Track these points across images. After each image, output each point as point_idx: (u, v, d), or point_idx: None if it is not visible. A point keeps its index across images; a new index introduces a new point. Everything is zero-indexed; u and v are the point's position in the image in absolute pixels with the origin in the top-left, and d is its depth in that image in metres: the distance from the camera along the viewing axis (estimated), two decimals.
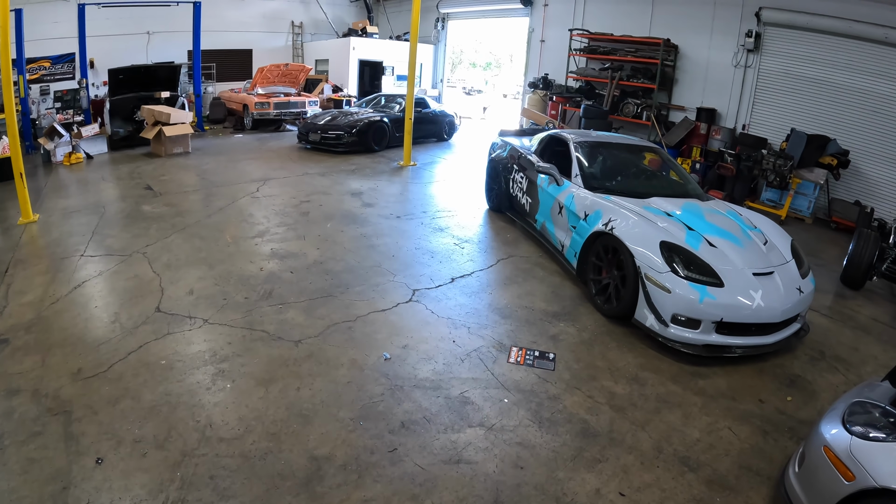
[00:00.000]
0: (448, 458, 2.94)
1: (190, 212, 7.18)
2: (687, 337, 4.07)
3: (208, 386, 3.47)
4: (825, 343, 4.73)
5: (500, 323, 4.52)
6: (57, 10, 13.71)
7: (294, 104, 14.85)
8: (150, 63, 14.46)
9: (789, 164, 9.07)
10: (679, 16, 11.99)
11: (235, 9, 17.80)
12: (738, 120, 11.24)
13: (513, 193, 7.04)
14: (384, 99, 13.66)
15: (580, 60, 13.70)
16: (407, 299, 4.85)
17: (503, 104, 27.32)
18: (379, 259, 5.73)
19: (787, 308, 4.16)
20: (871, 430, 2.37)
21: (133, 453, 2.84)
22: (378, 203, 7.92)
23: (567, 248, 5.42)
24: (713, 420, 3.48)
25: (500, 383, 3.67)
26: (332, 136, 11.54)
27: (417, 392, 3.51)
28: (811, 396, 3.90)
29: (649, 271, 4.22)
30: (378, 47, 18.60)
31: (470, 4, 17.91)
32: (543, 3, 15.16)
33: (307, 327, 4.23)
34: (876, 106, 9.25)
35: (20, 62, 10.91)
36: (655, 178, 6.22)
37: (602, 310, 4.78)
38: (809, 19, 9.83)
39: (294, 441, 3.00)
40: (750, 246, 4.56)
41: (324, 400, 3.37)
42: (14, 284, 4.93)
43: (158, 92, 12.47)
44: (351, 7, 20.92)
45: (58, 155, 10.27)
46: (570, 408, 3.47)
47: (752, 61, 10.95)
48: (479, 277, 5.46)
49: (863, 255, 6.02)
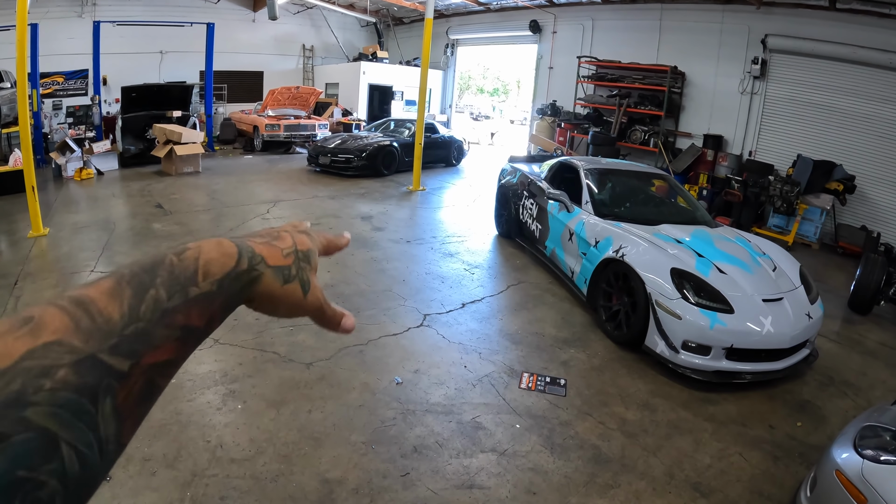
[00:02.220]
0: (460, 482, 2.93)
1: (200, 231, 7.23)
2: (697, 363, 4.06)
3: (219, 406, 3.47)
4: (834, 368, 4.72)
5: (510, 348, 4.52)
6: (72, 27, 14.00)
7: (304, 127, 14.99)
8: (162, 82, 14.66)
9: (796, 190, 9.11)
10: (686, 43, 12.15)
11: (248, 31, 18.12)
12: (744, 146, 11.32)
13: (522, 219, 7.08)
14: (394, 123, 13.79)
15: (588, 87, 13.86)
16: (418, 324, 4.86)
17: (511, 130, 27.53)
18: (389, 283, 5.75)
19: (797, 334, 4.16)
20: (882, 454, 2.37)
21: (142, 472, 2.83)
22: (388, 227, 7.97)
23: (577, 275, 5.43)
24: (724, 446, 3.47)
25: (512, 409, 3.66)
26: (341, 159, 11.64)
27: (429, 416, 3.50)
28: (821, 421, 3.89)
29: (660, 298, 4.22)
30: (388, 72, 18.83)
31: (479, 31, 18.16)
32: (552, 31, 15.38)
33: (318, 350, 4.23)
34: (881, 131, 9.33)
35: (34, 76, 11.08)
36: (664, 204, 6.25)
37: (612, 336, 4.78)
38: (815, 46, 9.95)
39: (306, 463, 2.99)
40: (759, 272, 4.58)
41: (335, 423, 3.37)
42: (23, 297, 4.96)
43: (170, 111, 12.62)
44: (362, 32, 21.24)
45: (69, 170, 10.38)
46: (582, 434, 3.46)
47: (758, 88, 11.06)
48: (490, 303, 5.48)
49: (870, 280, 6.02)
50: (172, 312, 0.41)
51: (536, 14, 15.46)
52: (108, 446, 0.36)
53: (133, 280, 0.41)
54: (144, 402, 0.40)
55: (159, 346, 0.40)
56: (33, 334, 0.34)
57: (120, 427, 0.37)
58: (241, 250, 0.49)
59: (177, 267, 0.44)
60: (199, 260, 0.45)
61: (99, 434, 0.35)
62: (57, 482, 0.32)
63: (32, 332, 0.34)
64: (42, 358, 0.33)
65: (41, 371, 0.33)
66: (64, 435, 0.32)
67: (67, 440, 0.33)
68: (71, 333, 0.35)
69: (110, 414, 0.36)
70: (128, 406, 0.37)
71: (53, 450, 0.32)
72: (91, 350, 0.36)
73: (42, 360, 0.33)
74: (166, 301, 0.41)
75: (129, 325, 0.38)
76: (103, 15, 13.93)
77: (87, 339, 0.36)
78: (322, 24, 19.76)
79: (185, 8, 15.96)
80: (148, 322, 0.40)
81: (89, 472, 0.34)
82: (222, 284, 0.46)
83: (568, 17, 14.88)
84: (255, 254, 0.50)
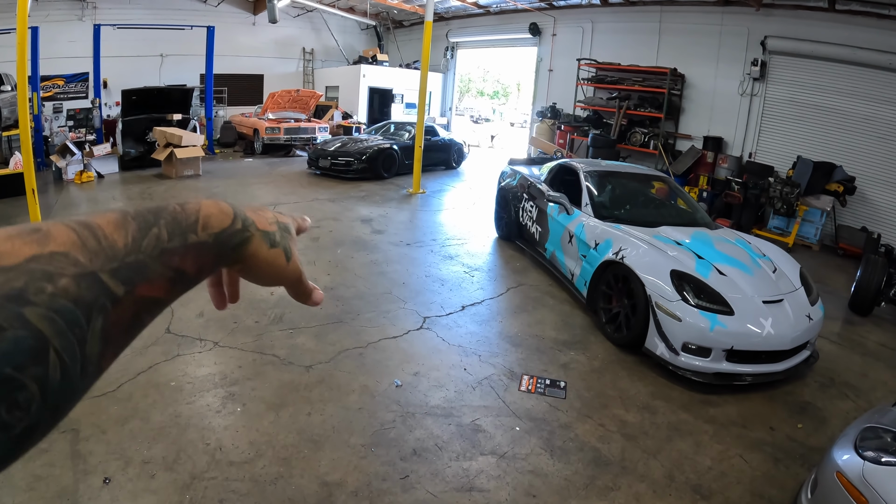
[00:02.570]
0: (460, 485, 2.92)
1: None
2: (697, 365, 4.06)
3: (218, 409, 3.47)
4: (835, 370, 4.72)
5: (510, 351, 4.51)
6: (73, 30, 14.04)
7: (304, 130, 15.01)
8: (162, 85, 14.68)
9: (796, 192, 9.11)
10: (685, 45, 12.15)
11: (248, 34, 18.15)
12: (744, 148, 11.32)
13: (522, 222, 7.08)
14: (394, 126, 13.80)
15: (588, 90, 13.87)
16: (418, 326, 4.85)
17: (511, 133, 27.54)
18: (389, 286, 5.75)
19: (797, 335, 4.15)
20: (883, 455, 2.36)
21: (141, 474, 2.83)
22: (388, 230, 7.97)
23: (577, 277, 5.43)
24: (724, 448, 3.46)
25: (512, 411, 3.65)
26: (341, 162, 11.65)
27: (429, 419, 3.50)
28: (822, 423, 3.88)
29: (660, 300, 4.22)
30: (388, 75, 18.87)
31: (479, 34, 18.19)
32: (552, 33, 15.40)
33: (318, 353, 4.23)
34: (881, 132, 9.33)
35: (35, 79, 11.08)
36: (664, 206, 6.25)
37: (612, 338, 4.77)
38: (814, 47, 9.96)
39: (305, 466, 2.98)
40: (759, 274, 4.57)
41: (335, 426, 3.36)
42: None
43: (170, 114, 12.63)
44: (362, 35, 21.28)
45: (69, 173, 10.38)
46: (582, 436, 3.45)
47: (758, 89, 11.07)
48: (490, 305, 5.47)
49: (871, 282, 6.02)
50: (170, 253, 0.44)
51: (536, 17, 15.48)
52: (89, 366, 0.37)
53: (138, 217, 0.43)
54: (128, 333, 0.41)
55: (153, 281, 0.42)
56: (41, 243, 0.35)
57: (103, 350, 0.38)
58: (237, 212, 0.52)
59: (179, 214, 0.46)
60: (200, 213, 0.48)
61: (85, 350, 0.36)
62: (37, 388, 0.32)
63: (40, 240, 0.35)
64: (47, 264, 0.35)
65: (45, 275, 0.34)
66: (55, 342, 0.33)
67: (56, 347, 0.33)
68: (77, 249, 0.37)
69: (99, 333, 0.37)
70: (114, 331, 0.39)
71: (42, 354, 0.33)
72: (94, 268, 0.37)
73: (47, 266, 0.34)
74: (167, 241, 0.44)
75: (131, 255, 0.40)
76: (104, 18, 13.97)
77: (91, 257, 0.38)
78: (322, 27, 19.80)
79: (186, 11, 16.01)
80: (147, 256, 0.42)
81: (68, 388, 0.35)
82: (218, 238, 0.49)
83: (567, 19, 14.90)
84: (247, 217, 0.53)
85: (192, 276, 0.47)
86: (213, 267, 0.50)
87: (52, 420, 0.35)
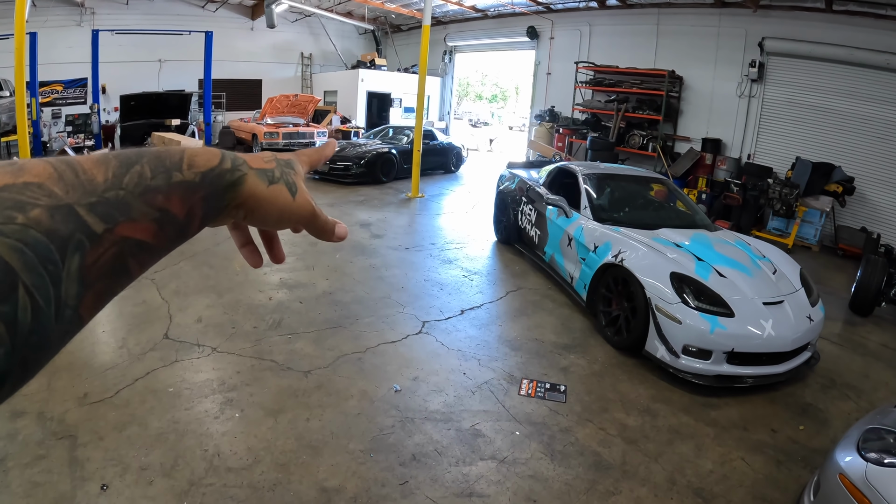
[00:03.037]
0: (460, 491, 2.90)
1: (198, 239, 7.17)
2: (698, 368, 4.04)
3: (216, 415, 3.44)
4: (836, 371, 4.70)
5: (510, 355, 4.49)
6: (71, 36, 14.08)
7: (303, 134, 15.03)
8: (161, 91, 14.70)
9: (795, 193, 9.11)
10: (683, 47, 12.18)
11: (246, 39, 18.19)
12: (743, 149, 11.33)
13: (521, 225, 7.06)
14: (392, 131, 13.82)
15: (586, 93, 13.89)
16: (417, 331, 4.83)
17: (509, 136, 27.61)
18: (388, 290, 5.73)
19: (798, 337, 4.13)
20: (886, 456, 2.34)
21: (139, 481, 2.81)
22: (387, 234, 7.96)
23: (576, 280, 5.42)
24: (726, 451, 3.44)
25: (512, 416, 3.63)
26: (340, 166, 11.64)
27: (428, 424, 3.48)
28: (823, 425, 3.86)
29: (660, 302, 4.20)
30: (386, 79, 18.90)
31: (477, 38, 18.23)
32: (550, 37, 15.43)
33: (316, 358, 4.21)
34: (880, 132, 9.35)
35: (33, 85, 11.11)
36: (663, 209, 6.24)
37: (612, 341, 4.75)
38: (812, 48, 9.98)
39: (303, 472, 2.96)
40: (759, 275, 4.56)
41: (334, 431, 3.34)
42: None
43: (169, 119, 12.66)
44: (360, 39, 21.32)
45: None
46: (583, 440, 3.43)
47: (756, 91, 11.09)
48: (489, 309, 5.46)
49: (871, 282, 6.01)
50: (154, 191, 0.41)
51: (534, 20, 15.51)
52: (65, 310, 0.34)
53: (120, 155, 0.41)
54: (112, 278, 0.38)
55: (137, 220, 0.40)
56: (14, 174, 0.33)
57: (82, 292, 0.35)
58: (225, 153, 0.50)
59: (163, 153, 0.45)
60: (184, 152, 0.46)
61: (59, 291, 0.33)
62: (5, 330, 0.30)
63: (14, 172, 0.33)
64: (19, 193, 0.32)
65: (15, 204, 0.32)
66: (24, 277, 0.31)
67: (26, 283, 0.31)
68: (53, 181, 0.35)
69: (76, 273, 0.34)
70: (94, 273, 0.36)
71: (10, 289, 0.30)
72: (70, 200, 0.35)
73: (18, 196, 0.32)
74: (150, 179, 0.41)
75: (111, 190, 0.38)
76: (102, 24, 14.00)
77: (67, 190, 0.35)
78: (320, 31, 19.84)
79: (184, 16, 16.04)
80: (129, 193, 0.39)
81: (41, 332, 0.32)
82: (205, 177, 0.46)
83: (565, 22, 14.93)
84: (237, 157, 0.51)
85: (182, 220, 0.44)
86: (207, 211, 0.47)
87: (22, 372, 0.32)
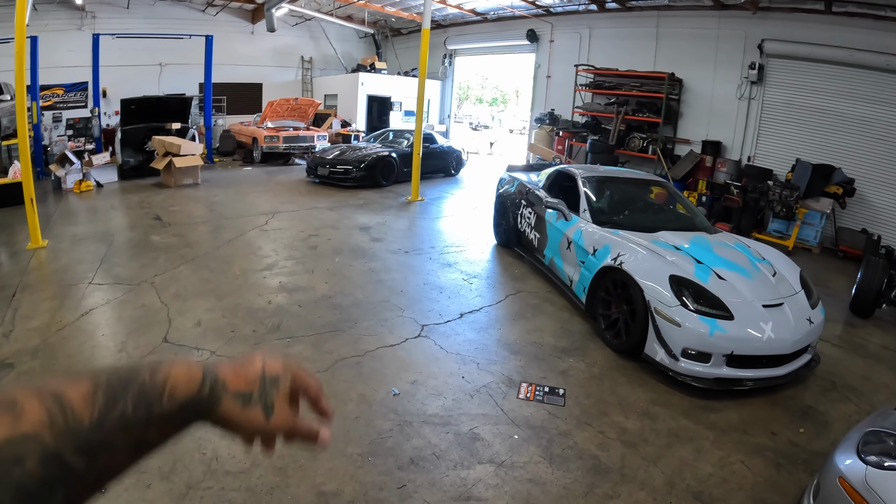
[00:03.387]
0: (458, 494, 2.89)
1: (198, 243, 7.22)
2: (698, 371, 4.03)
3: None
4: (836, 373, 4.68)
5: (509, 359, 4.49)
6: (72, 39, 14.12)
7: (303, 138, 15.03)
8: (161, 94, 14.70)
9: (795, 195, 9.10)
10: (683, 50, 12.18)
11: (246, 43, 18.21)
12: (743, 152, 11.32)
13: (521, 229, 7.06)
14: (392, 134, 13.83)
15: (586, 95, 13.89)
16: (416, 334, 4.83)
17: (510, 139, 27.63)
18: (387, 294, 5.72)
19: (798, 339, 4.13)
20: (886, 460, 2.33)
21: (137, 484, 2.80)
22: (386, 238, 7.96)
23: (576, 283, 5.41)
24: (726, 454, 3.43)
25: (510, 419, 3.62)
26: (340, 170, 11.66)
27: (427, 428, 3.47)
28: (824, 427, 3.84)
29: (659, 305, 4.20)
30: (386, 83, 18.91)
31: (477, 41, 18.23)
32: (549, 40, 15.43)
33: (315, 361, 4.21)
34: (880, 133, 9.33)
35: (34, 89, 11.13)
36: (663, 211, 6.24)
37: (611, 345, 4.74)
38: (811, 49, 9.97)
39: (301, 476, 2.96)
40: (759, 278, 4.55)
41: (332, 435, 3.32)
42: (21, 309, 4.94)
43: (169, 123, 12.65)
44: (360, 43, 21.34)
45: (68, 182, 10.42)
46: (581, 444, 3.42)
47: (755, 93, 11.08)
48: (488, 313, 5.45)
49: (871, 284, 6.00)
50: (134, 425, 0.49)
51: (533, 23, 15.52)
52: None
53: (108, 390, 0.49)
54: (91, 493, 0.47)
55: (116, 453, 0.48)
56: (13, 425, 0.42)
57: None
58: (206, 376, 0.57)
59: (147, 385, 0.52)
60: (167, 383, 0.53)
61: None
62: None
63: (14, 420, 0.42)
64: (18, 447, 0.41)
65: (15, 460, 0.40)
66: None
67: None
68: (45, 428, 0.43)
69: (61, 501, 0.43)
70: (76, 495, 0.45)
71: None
72: (58, 448, 0.43)
73: (17, 450, 0.41)
74: (131, 414, 0.49)
75: (95, 432, 0.46)
76: (103, 27, 14.02)
77: (56, 438, 0.43)
78: (320, 35, 19.87)
79: (184, 20, 16.08)
80: (111, 433, 0.47)
81: None
82: (183, 407, 0.54)
83: (565, 25, 14.94)
84: (217, 380, 0.57)
85: (157, 442, 0.53)
86: (179, 431, 0.55)
87: None
